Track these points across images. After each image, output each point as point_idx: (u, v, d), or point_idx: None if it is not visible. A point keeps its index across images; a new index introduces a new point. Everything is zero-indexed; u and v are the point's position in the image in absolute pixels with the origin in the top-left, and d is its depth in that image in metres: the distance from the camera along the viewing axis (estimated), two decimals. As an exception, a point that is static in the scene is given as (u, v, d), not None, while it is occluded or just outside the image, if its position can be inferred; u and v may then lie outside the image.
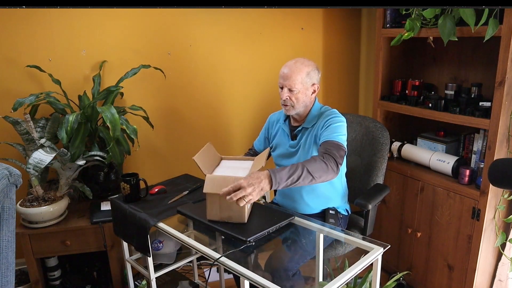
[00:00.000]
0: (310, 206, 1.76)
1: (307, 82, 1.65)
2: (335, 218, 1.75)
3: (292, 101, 1.65)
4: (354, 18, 2.70)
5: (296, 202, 1.77)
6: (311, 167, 1.42)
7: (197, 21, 2.36)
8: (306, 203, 1.75)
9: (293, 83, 1.62)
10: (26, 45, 2.12)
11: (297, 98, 1.65)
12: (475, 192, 1.83)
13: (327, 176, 1.47)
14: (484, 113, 1.77)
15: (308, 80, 1.65)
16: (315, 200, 1.75)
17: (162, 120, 2.44)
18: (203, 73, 2.45)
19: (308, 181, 1.43)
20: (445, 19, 1.75)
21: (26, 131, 1.93)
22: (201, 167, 1.50)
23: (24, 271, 2.17)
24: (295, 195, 1.77)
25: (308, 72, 1.64)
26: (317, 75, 1.68)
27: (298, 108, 1.68)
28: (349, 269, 1.16)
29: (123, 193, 1.72)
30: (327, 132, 1.60)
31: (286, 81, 1.63)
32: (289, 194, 1.79)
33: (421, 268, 2.17)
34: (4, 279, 1.19)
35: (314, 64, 1.68)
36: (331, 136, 1.58)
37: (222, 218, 1.41)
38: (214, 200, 1.39)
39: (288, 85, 1.63)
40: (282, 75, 1.65)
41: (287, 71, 1.63)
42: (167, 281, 2.09)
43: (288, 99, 1.65)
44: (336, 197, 1.79)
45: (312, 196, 1.74)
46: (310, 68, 1.65)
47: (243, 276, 1.15)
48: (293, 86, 1.62)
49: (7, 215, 1.20)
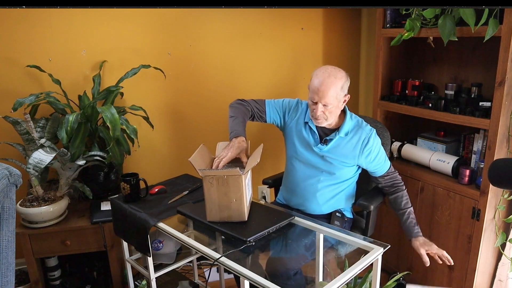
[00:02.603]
0: (321, 206, 1.76)
1: (341, 95, 1.61)
2: (341, 221, 1.75)
3: (326, 116, 1.62)
4: (354, 18, 2.70)
5: (308, 200, 1.77)
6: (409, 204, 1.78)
7: (197, 21, 2.36)
8: (318, 203, 1.75)
9: (329, 100, 1.57)
10: (26, 45, 2.12)
11: (330, 112, 1.62)
12: (475, 192, 1.83)
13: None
14: (484, 113, 1.77)
15: (342, 93, 1.61)
16: (327, 201, 1.76)
17: (162, 120, 2.44)
18: (203, 73, 2.45)
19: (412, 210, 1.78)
20: (445, 19, 1.75)
21: (26, 131, 1.93)
22: (197, 168, 1.50)
23: (24, 271, 2.17)
24: (307, 194, 1.76)
25: (342, 86, 1.60)
26: (348, 85, 1.64)
27: (331, 120, 1.66)
28: (349, 269, 1.16)
29: (123, 193, 1.72)
30: (381, 165, 1.75)
31: (321, 99, 1.58)
32: (301, 193, 1.78)
33: (421, 268, 2.17)
34: (4, 279, 1.19)
35: (345, 75, 1.64)
36: (385, 166, 1.77)
37: (222, 218, 1.41)
38: (213, 200, 1.39)
39: (324, 102, 1.58)
40: (316, 91, 1.58)
41: (322, 87, 1.56)
42: (167, 281, 2.09)
43: (322, 113, 1.61)
44: (346, 199, 1.80)
45: (326, 197, 1.75)
46: (343, 80, 1.61)
47: (243, 276, 1.15)
48: (329, 102, 1.58)
49: (7, 215, 1.20)
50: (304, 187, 1.75)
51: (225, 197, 1.38)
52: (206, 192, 1.40)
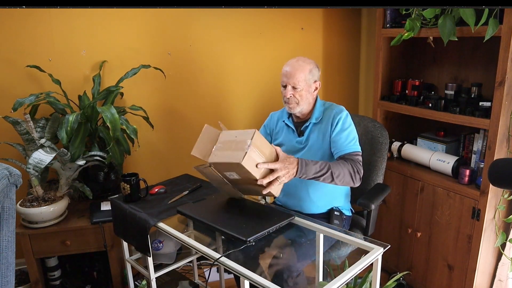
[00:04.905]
0: (316, 204, 1.76)
1: (310, 79, 1.69)
2: (340, 219, 1.75)
3: (296, 99, 1.69)
4: (354, 18, 2.70)
5: (302, 200, 1.77)
6: (337, 171, 1.53)
7: (197, 21, 2.36)
8: (312, 201, 1.76)
9: (297, 81, 1.66)
10: (26, 45, 2.12)
11: (301, 95, 1.68)
12: (475, 192, 1.83)
13: (348, 184, 1.59)
14: (484, 113, 1.77)
15: (310, 77, 1.69)
16: (321, 198, 1.76)
17: (162, 120, 2.44)
18: (203, 73, 2.45)
19: (328, 182, 1.55)
20: (445, 19, 1.75)
21: (26, 131, 1.93)
22: (202, 158, 1.48)
23: (24, 271, 2.17)
24: (301, 194, 1.77)
25: (310, 69, 1.68)
26: (318, 72, 1.73)
27: (302, 105, 1.71)
28: (349, 269, 1.16)
29: (123, 193, 1.72)
30: (343, 140, 1.66)
31: (289, 79, 1.67)
32: (295, 193, 1.79)
33: (421, 268, 2.17)
34: (4, 279, 1.19)
35: (314, 62, 1.73)
36: (349, 146, 1.66)
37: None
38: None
39: (292, 83, 1.66)
40: (286, 74, 1.68)
41: (290, 69, 1.67)
42: (167, 281, 2.09)
43: (292, 96, 1.68)
44: (341, 196, 1.80)
45: (319, 193, 1.75)
46: (312, 65, 1.70)
47: (243, 276, 1.15)
48: (297, 83, 1.66)
49: (7, 215, 1.20)
50: (296, 185, 1.76)
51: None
52: None
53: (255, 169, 1.35)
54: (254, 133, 1.36)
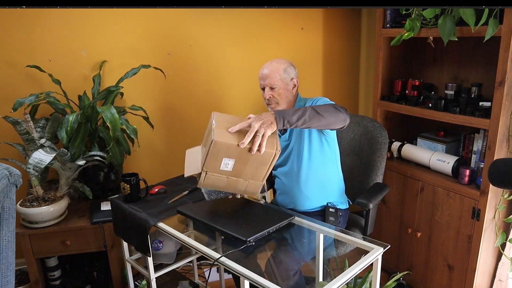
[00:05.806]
0: (310, 198, 1.76)
1: (286, 77, 1.72)
2: (335, 216, 1.75)
3: (276, 98, 1.72)
4: (354, 18, 2.70)
5: (295, 197, 1.78)
6: (318, 108, 1.44)
7: (197, 21, 2.36)
8: (305, 196, 1.76)
9: (273, 81, 1.70)
10: (26, 45, 2.12)
11: (279, 94, 1.72)
12: (475, 192, 1.83)
13: (337, 117, 1.47)
14: (484, 113, 1.77)
15: (286, 76, 1.72)
16: (314, 192, 1.76)
17: (162, 120, 2.44)
18: (203, 73, 2.45)
19: (318, 121, 1.43)
20: (445, 19, 1.75)
21: (26, 131, 1.93)
22: (196, 172, 1.49)
23: (24, 271, 2.17)
24: (293, 190, 1.78)
25: (284, 68, 1.72)
26: (293, 70, 1.76)
27: (282, 104, 1.74)
28: (349, 269, 1.16)
29: (123, 193, 1.72)
30: (316, 101, 1.69)
31: (266, 80, 1.71)
32: (288, 190, 1.80)
33: (421, 268, 2.17)
34: (4, 279, 1.19)
35: (288, 62, 1.76)
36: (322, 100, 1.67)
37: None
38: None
39: (269, 84, 1.71)
40: (262, 76, 1.73)
41: (265, 71, 1.72)
42: (167, 281, 2.09)
43: (271, 97, 1.72)
44: (334, 189, 1.80)
45: (311, 186, 1.75)
46: (286, 64, 1.74)
47: (243, 276, 1.15)
48: (274, 83, 1.70)
49: (7, 215, 1.20)
50: (287, 182, 1.78)
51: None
52: None
53: (231, 138, 1.31)
54: (212, 115, 1.40)
